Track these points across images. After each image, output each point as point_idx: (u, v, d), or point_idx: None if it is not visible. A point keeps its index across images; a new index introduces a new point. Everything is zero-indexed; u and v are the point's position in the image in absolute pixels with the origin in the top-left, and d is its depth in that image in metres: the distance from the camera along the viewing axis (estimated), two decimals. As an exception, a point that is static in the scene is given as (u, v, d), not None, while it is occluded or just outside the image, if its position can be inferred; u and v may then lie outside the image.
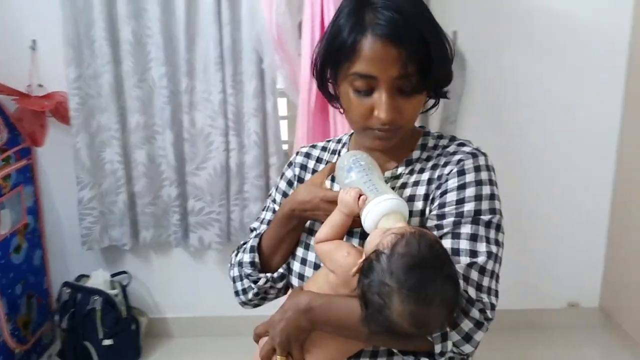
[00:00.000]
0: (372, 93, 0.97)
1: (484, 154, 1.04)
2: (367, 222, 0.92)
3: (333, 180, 1.10)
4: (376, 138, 1.01)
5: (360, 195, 0.94)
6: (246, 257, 1.14)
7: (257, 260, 1.13)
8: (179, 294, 2.73)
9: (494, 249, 0.95)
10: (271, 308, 1.08)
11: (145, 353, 2.62)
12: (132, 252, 2.65)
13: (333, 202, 0.99)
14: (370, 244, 0.88)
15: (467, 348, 0.91)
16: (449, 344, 0.90)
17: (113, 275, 2.58)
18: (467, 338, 0.90)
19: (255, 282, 1.14)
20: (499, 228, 0.98)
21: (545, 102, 2.54)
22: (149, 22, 2.32)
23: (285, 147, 2.51)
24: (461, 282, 0.89)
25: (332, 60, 1.01)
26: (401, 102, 0.97)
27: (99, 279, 2.50)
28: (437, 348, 0.90)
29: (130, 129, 2.42)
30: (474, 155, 1.02)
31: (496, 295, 0.95)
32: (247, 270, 1.14)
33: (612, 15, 2.47)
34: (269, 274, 1.13)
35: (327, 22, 1.89)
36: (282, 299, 1.05)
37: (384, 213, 0.90)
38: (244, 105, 2.38)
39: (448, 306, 0.83)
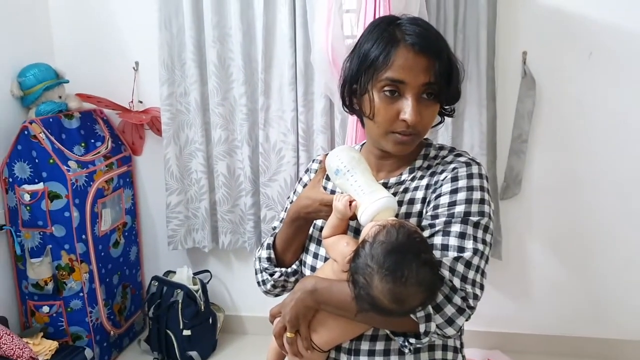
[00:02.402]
0: (400, 98, 1.09)
1: (478, 164, 1.14)
2: (362, 221, 1.06)
3: (328, 179, 1.23)
4: (397, 143, 1.12)
5: (351, 202, 1.08)
6: (264, 253, 1.31)
7: (272, 256, 1.29)
8: (254, 295, 2.83)
9: (480, 246, 1.05)
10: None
11: (221, 346, 2.83)
12: (213, 254, 2.88)
13: (331, 205, 1.13)
14: (362, 236, 1.04)
15: (449, 331, 1.03)
16: (433, 325, 1.02)
17: (196, 273, 2.80)
18: (450, 322, 1.02)
19: (271, 275, 1.29)
20: (486, 229, 1.08)
21: (614, 123, 2.44)
22: (232, 46, 2.54)
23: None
24: (447, 272, 1.03)
25: (363, 73, 1.13)
26: (423, 109, 1.09)
27: (183, 275, 2.74)
28: (422, 327, 1.02)
29: (213, 143, 2.65)
30: (467, 164, 1.12)
31: (481, 288, 1.05)
32: (265, 264, 1.30)
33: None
34: (283, 269, 1.28)
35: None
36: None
37: (375, 212, 1.04)
38: (313, 122, 2.53)
39: (424, 286, 0.96)
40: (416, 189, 1.16)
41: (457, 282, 1.02)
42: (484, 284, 1.06)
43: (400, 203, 1.14)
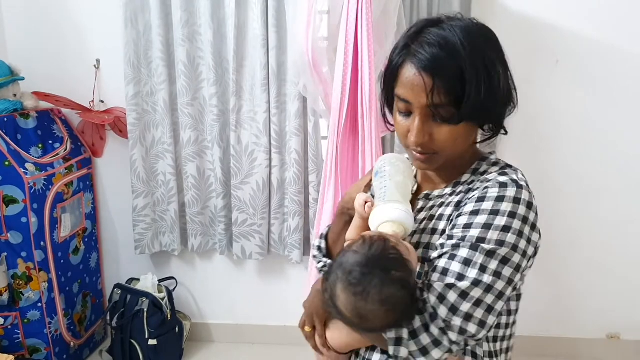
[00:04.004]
0: (410, 115, 1.01)
1: (521, 187, 0.98)
2: (370, 225, 1.02)
3: None
4: (415, 159, 1.05)
5: (367, 202, 1.04)
6: (316, 242, 1.31)
7: (322, 245, 1.28)
8: (221, 301, 2.85)
9: (486, 278, 0.93)
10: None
11: (187, 355, 2.75)
12: (180, 258, 2.80)
13: None
14: None
15: (448, 339, 0.94)
16: (403, 350, 0.95)
17: (161, 280, 2.72)
18: (424, 351, 0.94)
19: (318, 263, 1.29)
20: (505, 261, 0.94)
21: (580, 128, 2.52)
22: (202, 45, 2.47)
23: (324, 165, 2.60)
24: (433, 298, 0.94)
25: (385, 80, 1.07)
26: (435, 129, 0.99)
27: (147, 283, 2.65)
28: (390, 350, 0.96)
29: (182, 144, 2.57)
30: (502, 185, 0.98)
31: (480, 325, 0.94)
32: (315, 252, 1.30)
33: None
34: (328, 260, 1.25)
35: (360, 47, 1.96)
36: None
37: (381, 221, 0.99)
38: (287, 125, 2.49)
39: (388, 306, 0.89)
40: (449, 204, 1.07)
41: (442, 310, 0.93)
42: (489, 322, 0.95)
43: (432, 218, 1.08)
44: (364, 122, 2.01)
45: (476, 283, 0.93)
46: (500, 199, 0.97)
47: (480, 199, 0.99)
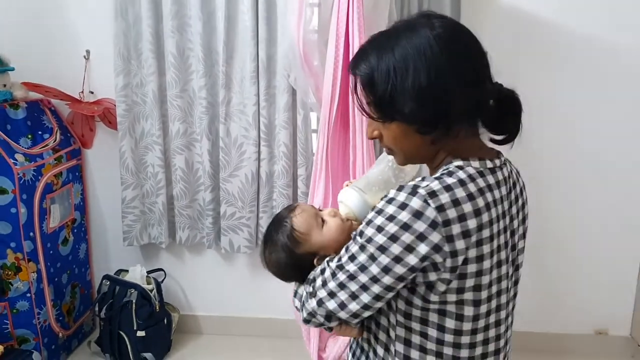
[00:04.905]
0: None
1: (414, 194, 0.94)
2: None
3: None
4: None
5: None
6: None
7: None
8: (210, 293, 2.86)
9: (352, 267, 0.99)
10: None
11: (175, 347, 2.75)
12: (169, 250, 2.80)
13: None
14: None
15: (309, 305, 1.08)
16: (295, 301, 1.16)
17: (149, 272, 2.71)
18: (300, 308, 1.12)
19: None
20: (372, 258, 0.96)
21: (566, 123, 2.52)
22: (192, 37, 2.46)
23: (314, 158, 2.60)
24: (318, 270, 1.09)
25: None
26: (380, 126, 1.05)
27: (136, 274, 2.64)
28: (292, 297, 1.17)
29: (171, 136, 2.56)
30: (399, 189, 0.97)
31: (341, 306, 1.02)
32: None
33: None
34: None
35: (351, 40, 1.96)
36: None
37: (340, 198, 1.22)
38: (276, 117, 2.49)
39: (271, 261, 1.21)
40: None
41: (317, 282, 1.07)
42: (351, 308, 1.01)
43: None
44: (355, 116, 2.01)
45: (341, 268, 1.01)
46: (390, 201, 0.96)
47: (386, 199, 0.98)
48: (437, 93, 0.96)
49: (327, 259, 1.08)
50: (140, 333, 2.54)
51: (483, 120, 1.05)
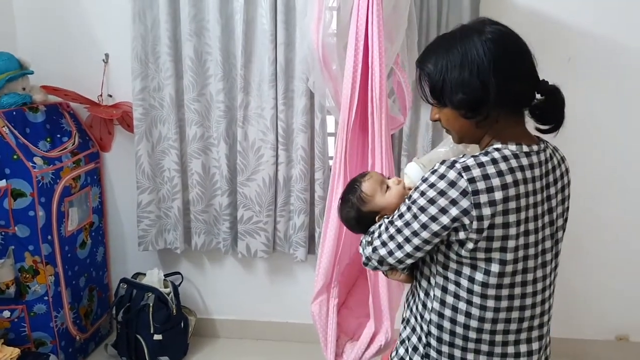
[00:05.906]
0: None
1: (451, 167, 1.15)
2: None
3: None
4: None
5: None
6: None
7: None
8: (227, 297, 2.85)
9: (399, 223, 1.23)
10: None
11: (192, 350, 2.75)
12: (186, 255, 2.80)
13: None
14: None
15: (366, 250, 1.33)
16: (363, 248, 1.36)
17: (167, 275, 2.72)
18: (364, 249, 1.35)
19: None
20: (415, 217, 1.19)
21: (590, 126, 2.48)
22: (210, 40, 2.46)
23: (331, 162, 2.58)
24: (378, 224, 1.34)
25: None
26: (438, 111, 1.28)
27: (153, 278, 2.65)
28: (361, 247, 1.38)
29: (187, 140, 2.56)
30: (446, 164, 1.17)
31: (389, 253, 1.26)
32: None
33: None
34: None
35: (370, 44, 1.94)
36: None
37: (405, 170, 1.46)
38: (294, 121, 2.48)
39: (345, 215, 1.47)
40: None
41: (375, 233, 1.31)
42: (397, 255, 1.24)
43: None
44: (374, 120, 1.99)
45: (392, 223, 1.26)
46: (434, 172, 1.18)
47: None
48: (477, 86, 1.16)
49: (385, 216, 1.33)
50: (157, 336, 2.55)
51: (530, 111, 1.25)
